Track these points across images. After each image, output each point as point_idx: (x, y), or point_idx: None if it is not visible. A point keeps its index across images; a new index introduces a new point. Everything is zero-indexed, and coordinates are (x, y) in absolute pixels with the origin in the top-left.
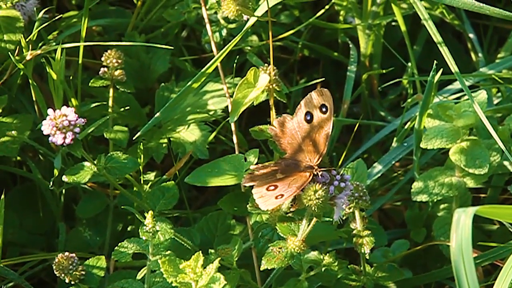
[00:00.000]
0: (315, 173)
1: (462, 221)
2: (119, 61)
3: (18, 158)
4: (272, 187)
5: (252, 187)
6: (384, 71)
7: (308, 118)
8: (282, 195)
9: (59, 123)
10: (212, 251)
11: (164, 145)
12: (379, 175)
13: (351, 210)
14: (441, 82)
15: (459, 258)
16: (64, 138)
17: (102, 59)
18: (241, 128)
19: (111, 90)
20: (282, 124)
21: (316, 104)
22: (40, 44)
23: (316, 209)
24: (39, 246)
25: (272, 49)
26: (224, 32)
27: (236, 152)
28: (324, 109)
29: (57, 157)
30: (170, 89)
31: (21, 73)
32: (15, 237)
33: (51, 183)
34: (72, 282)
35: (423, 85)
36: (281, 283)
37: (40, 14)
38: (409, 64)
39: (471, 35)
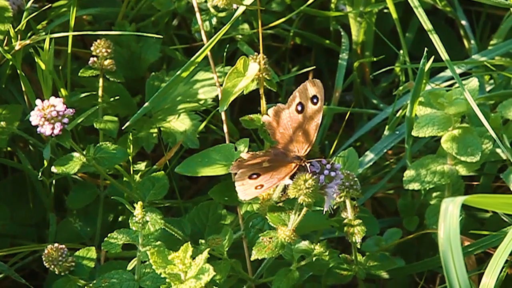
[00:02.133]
0: (302, 164)
1: (450, 210)
2: (109, 50)
3: (8, 148)
4: (255, 176)
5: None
6: (376, 58)
7: (300, 108)
8: (262, 186)
9: (47, 113)
10: (203, 241)
11: (154, 134)
12: (371, 163)
13: (342, 199)
14: (433, 70)
15: (447, 248)
16: (53, 128)
17: (92, 48)
18: (233, 117)
19: (100, 80)
20: (276, 114)
21: (308, 95)
22: (29, 34)
23: (306, 198)
24: (30, 237)
25: (262, 38)
26: (214, 20)
27: (227, 142)
28: (315, 100)
29: (46, 147)
30: (160, 78)
31: (10, 63)
32: (6, 228)
33: (40, 174)
34: (62, 273)
35: (415, 72)
36: (272, 273)
37: (29, 4)
38: (401, 51)
39: (463, 22)
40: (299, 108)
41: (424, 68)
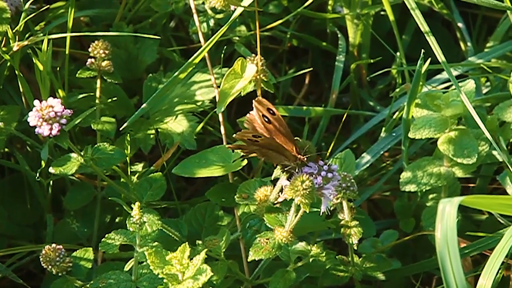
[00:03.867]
0: (299, 162)
1: (447, 211)
2: (107, 51)
3: (6, 149)
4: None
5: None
6: (372, 60)
7: (266, 120)
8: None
9: (45, 114)
10: (200, 242)
11: (151, 136)
12: (368, 165)
13: (338, 200)
14: (430, 72)
15: (444, 249)
16: (51, 129)
17: (90, 50)
18: (230, 118)
19: (98, 81)
20: (251, 123)
21: (263, 111)
22: (27, 35)
23: (303, 199)
24: (27, 237)
25: (260, 39)
26: (211, 22)
27: (224, 143)
28: (271, 112)
29: (44, 148)
30: (158, 80)
31: (8, 64)
32: (3, 229)
33: (38, 174)
34: (60, 274)
35: (412, 74)
36: (269, 274)
37: (27, 5)
38: (398, 53)
39: (460, 24)
40: (266, 119)
41: (421, 70)
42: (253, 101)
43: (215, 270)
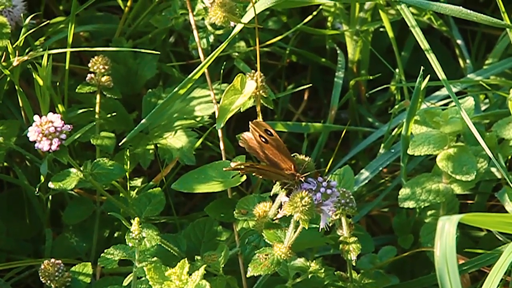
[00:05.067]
0: (297, 180)
1: (447, 228)
2: (106, 67)
3: (5, 164)
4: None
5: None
6: (371, 77)
7: (264, 140)
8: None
9: (45, 129)
10: (199, 257)
11: (151, 151)
12: (366, 181)
13: (337, 216)
14: (429, 88)
15: (443, 266)
16: (50, 144)
17: (89, 65)
18: (229, 134)
19: (98, 96)
20: (247, 142)
21: (261, 132)
22: (27, 50)
23: (302, 216)
24: (26, 252)
25: (259, 55)
26: (211, 38)
27: (223, 159)
28: (269, 132)
29: (43, 163)
30: (157, 95)
31: (8, 79)
32: (2, 243)
33: (37, 189)
34: None
35: (411, 91)
36: None
37: (27, 20)
38: (397, 70)
39: (459, 41)
40: (263, 140)
41: (420, 86)
42: (250, 123)
43: (214, 286)
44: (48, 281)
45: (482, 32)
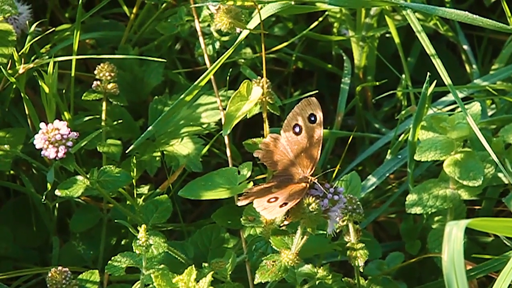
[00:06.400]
0: (311, 183)
1: (454, 234)
2: (112, 74)
3: (11, 172)
4: (273, 199)
5: (251, 203)
6: (378, 83)
7: (297, 130)
8: (286, 203)
9: (51, 137)
10: (206, 264)
11: (157, 158)
12: (373, 187)
13: (344, 223)
14: (435, 94)
15: (451, 272)
16: (57, 152)
17: (95, 72)
18: (235, 141)
19: (104, 104)
20: (268, 146)
21: (304, 114)
22: (32, 58)
23: (309, 222)
24: (33, 260)
25: (265, 62)
26: (217, 44)
27: (230, 165)
28: (312, 118)
29: (50, 171)
30: (163, 102)
31: (14, 86)
32: (9, 251)
33: (43, 197)
34: None
35: (417, 97)
36: None
37: (33, 28)
38: (403, 76)
39: (465, 47)
40: (297, 130)
41: (427, 92)
42: (301, 102)
43: None
44: None
45: (488, 37)
